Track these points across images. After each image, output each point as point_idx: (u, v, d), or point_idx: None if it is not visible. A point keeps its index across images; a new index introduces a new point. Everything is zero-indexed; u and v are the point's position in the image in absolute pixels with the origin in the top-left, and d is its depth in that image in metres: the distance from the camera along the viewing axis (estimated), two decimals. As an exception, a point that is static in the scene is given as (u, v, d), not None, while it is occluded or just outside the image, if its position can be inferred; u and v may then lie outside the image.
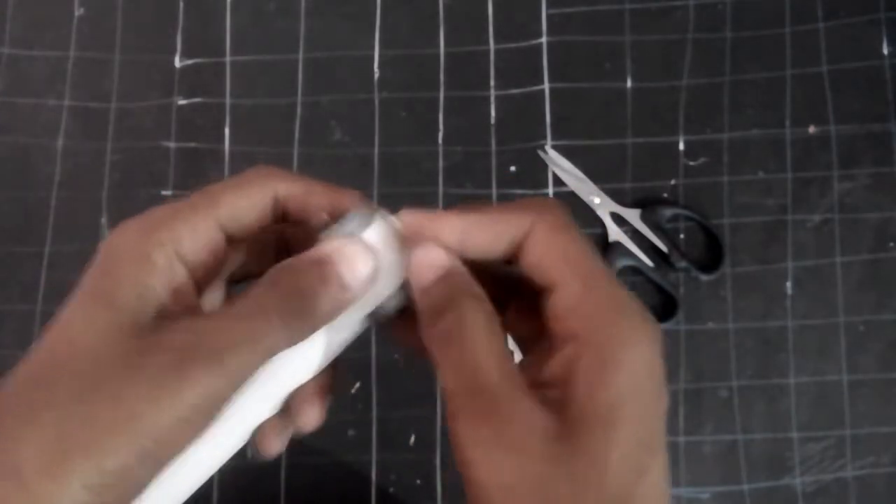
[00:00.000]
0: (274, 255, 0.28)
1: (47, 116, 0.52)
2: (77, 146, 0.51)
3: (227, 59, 0.52)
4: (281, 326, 0.23)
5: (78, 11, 0.53)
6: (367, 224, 0.26)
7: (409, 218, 0.25)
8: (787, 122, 0.51)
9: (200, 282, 0.25)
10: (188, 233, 0.24)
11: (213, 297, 0.27)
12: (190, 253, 0.24)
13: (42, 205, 0.50)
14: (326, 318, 0.24)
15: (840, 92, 0.51)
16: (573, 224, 0.24)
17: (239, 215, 0.26)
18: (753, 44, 0.51)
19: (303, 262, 0.24)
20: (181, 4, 0.53)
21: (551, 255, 0.23)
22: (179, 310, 0.23)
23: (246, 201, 0.26)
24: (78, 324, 0.22)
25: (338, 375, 0.27)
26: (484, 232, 0.24)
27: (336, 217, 0.26)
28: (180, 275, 0.24)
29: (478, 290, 0.24)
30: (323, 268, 0.24)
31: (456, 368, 0.22)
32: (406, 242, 0.25)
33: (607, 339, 0.22)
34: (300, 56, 0.52)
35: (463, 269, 0.24)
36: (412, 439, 0.48)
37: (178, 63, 0.52)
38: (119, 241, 0.24)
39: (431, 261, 0.24)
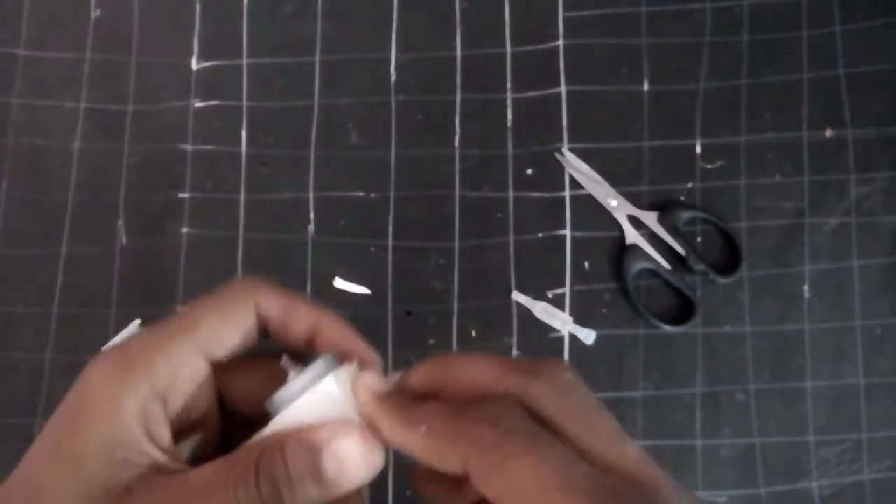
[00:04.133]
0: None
1: (64, 118, 0.51)
2: (93, 148, 0.51)
3: (244, 61, 0.52)
4: None
5: (94, 13, 0.53)
6: (327, 373, 0.23)
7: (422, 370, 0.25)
8: (804, 126, 0.50)
9: (184, 416, 0.24)
10: (165, 365, 0.22)
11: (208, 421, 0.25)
12: (169, 388, 0.23)
13: (59, 207, 0.50)
14: None
15: (857, 95, 0.51)
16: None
17: (222, 339, 0.24)
18: (770, 47, 0.51)
19: (290, 444, 0.22)
20: (198, 6, 0.53)
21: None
22: (153, 463, 0.22)
23: (228, 323, 0.24)
24: (46, 494, 0.21)
25: None
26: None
27: (311, 343, 0.25)
28: (156, 418, 0.22)
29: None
30: (312, 456, 0.22)
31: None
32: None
33: None
34: (317, 58, 0.52)
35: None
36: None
37: (194, 65, 0.52)
38: (89, 382, 0.22)
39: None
